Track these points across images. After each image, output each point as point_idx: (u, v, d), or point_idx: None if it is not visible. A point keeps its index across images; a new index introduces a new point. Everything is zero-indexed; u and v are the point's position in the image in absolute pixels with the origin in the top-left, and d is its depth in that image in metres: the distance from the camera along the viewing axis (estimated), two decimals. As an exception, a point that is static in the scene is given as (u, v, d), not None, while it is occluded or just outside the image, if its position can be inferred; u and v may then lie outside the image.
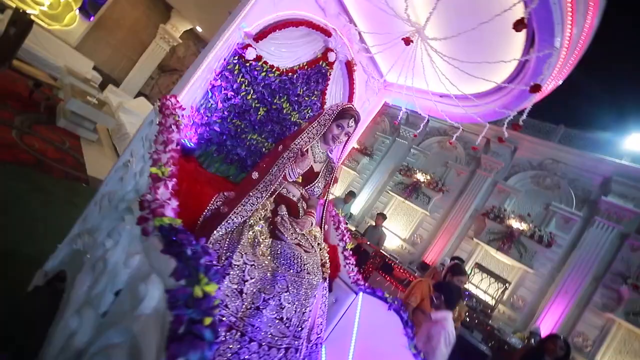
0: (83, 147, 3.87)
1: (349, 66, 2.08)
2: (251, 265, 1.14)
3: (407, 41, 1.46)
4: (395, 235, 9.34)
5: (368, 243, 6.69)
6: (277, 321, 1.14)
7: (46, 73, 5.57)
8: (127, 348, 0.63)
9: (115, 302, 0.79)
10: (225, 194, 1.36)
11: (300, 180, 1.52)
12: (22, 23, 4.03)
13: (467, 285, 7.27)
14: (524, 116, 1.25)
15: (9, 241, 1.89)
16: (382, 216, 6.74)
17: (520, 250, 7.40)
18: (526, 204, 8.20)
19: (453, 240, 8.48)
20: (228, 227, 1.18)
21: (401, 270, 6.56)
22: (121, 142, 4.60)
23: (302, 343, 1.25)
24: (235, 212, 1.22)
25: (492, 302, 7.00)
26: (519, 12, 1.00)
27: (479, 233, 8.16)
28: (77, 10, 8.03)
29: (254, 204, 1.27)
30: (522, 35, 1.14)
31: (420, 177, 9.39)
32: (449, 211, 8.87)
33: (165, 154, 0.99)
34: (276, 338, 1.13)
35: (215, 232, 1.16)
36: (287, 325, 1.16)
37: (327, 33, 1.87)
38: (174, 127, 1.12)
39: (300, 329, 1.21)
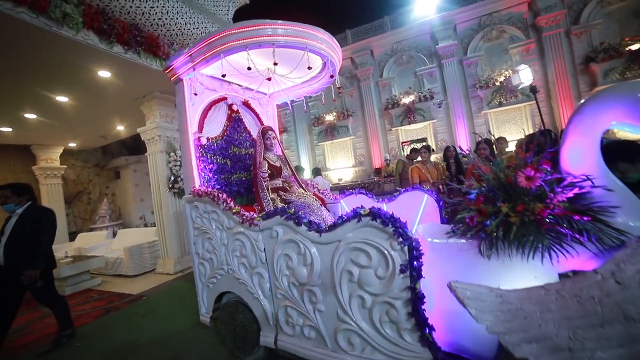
0: (103, 288, 4.47)
1: (246, 103, 3.28)
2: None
3: (269, 79, 2.72)
4: (346, 168, 11.18)
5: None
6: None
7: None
8: (287, 247, 1.92)
9: (269, 250, 2.05)
10: (256, 204, 2.60)
11: (275, 174, 2.81)
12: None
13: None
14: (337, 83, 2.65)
15: (170, 332, 2.87)
16: (315, 171, 7.00)
17: (421, 114, 9.76)
18: (403, 82, 10.48)
19: (382, 140, 10.59)
20: (266, 199, 2.45)
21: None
22: (119, 267, 5.14)
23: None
24: (261, 192, 2.50)
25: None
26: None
27: (392, 122, 10.35)
28: None
29: (262, 183, 2.56)
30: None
31: (329, 117, 11.08)
32: (364, 124, 10.86)
33: (231, 203, 2.19)
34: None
35: (266, 207, 2.43)
36: (321, 227, 2.53)
37: (224, 99, 3.01)
38: (221, 196, 2.28)
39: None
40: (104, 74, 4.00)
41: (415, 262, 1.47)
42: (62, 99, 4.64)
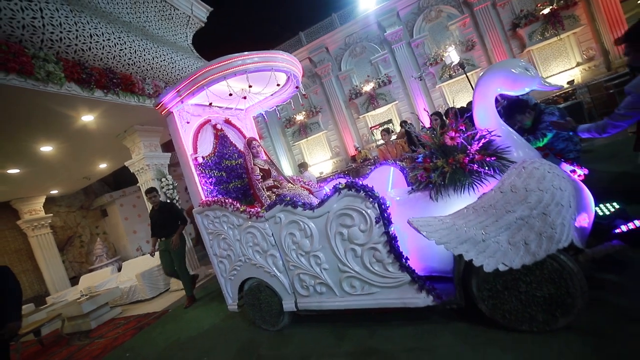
0: (126, 315, 4.78)
1: (228, 121, 3.73)
2: (288, 208, 2.97)
3: (244, 97, 3.21)
4: (325, 161, 11.76)
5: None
6: (310, 212, 3.03)
7: None
8: (290, 227, 2.44)
9: (276, 233, 2.55)
10: (256, 203, 3.09)
11: (266, 176, 3.31)
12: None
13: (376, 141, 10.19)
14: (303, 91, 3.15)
15: (204, 329, 3.29)
16: (302, 165, 7.33)
17: (383, 98, 10.47)
18: (361, 72, 11.12)
19: (352, 129, 11.23)
20: (263, 197, 2.94)
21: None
22: (134, 294, 5.44)
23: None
24: (259, 192, 2.99)
25: (394, 136, 10.10)
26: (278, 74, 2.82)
27: (358, 111, 11.01)
28: None
29: (257, 184, 3.03)
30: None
31: (299, 117, 11.58)
32: (334, 117, 11.45)
33: (240, 204, 2.67)
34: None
35: (264, 203, 2.92)
36: (314, 210, 3.07)
37: (208, 121, 3.46)
38: (227, 201, 2.75)
39: (318, 208, 3.13)
40: (87, 118, 4.29)
41: (385, 214, 2.03)
42: (46, 148, 4.85)
